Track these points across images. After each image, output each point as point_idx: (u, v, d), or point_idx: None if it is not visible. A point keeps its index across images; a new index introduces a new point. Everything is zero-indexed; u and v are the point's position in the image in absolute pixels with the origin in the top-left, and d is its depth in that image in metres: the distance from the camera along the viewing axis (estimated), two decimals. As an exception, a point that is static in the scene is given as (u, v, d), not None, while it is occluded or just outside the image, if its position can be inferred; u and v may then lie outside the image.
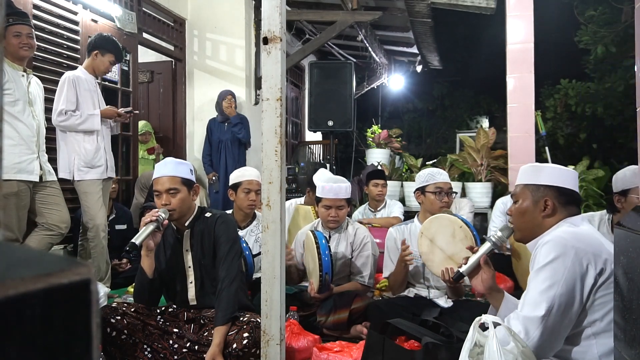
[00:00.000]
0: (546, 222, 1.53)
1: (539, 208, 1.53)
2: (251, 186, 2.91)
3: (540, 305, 1.36)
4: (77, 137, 3.16)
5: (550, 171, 1.56)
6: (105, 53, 3.25)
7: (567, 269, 1.36)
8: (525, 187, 1.58)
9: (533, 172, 1.58)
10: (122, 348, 1.90)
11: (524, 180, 1.59)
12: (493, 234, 1.67)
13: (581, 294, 1.36)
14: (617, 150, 7.28)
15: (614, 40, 6.23)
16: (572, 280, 1.35)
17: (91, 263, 3.06)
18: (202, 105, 5.47)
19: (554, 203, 1.52)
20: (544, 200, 1.52)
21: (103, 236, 3.20)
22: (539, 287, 1.38)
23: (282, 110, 1.58)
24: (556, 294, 1.35)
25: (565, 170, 1.57)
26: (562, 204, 1.52)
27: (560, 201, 1.52)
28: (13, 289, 0.26)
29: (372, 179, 4.23)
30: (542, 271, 1.39)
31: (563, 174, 1.55)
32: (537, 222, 1.54)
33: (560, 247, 1.38)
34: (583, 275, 1.36)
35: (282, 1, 1.58)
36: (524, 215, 1.57)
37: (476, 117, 12.49)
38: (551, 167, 1.58)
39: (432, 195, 2.61)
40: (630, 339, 1.02)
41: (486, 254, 1.65)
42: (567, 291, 1.35)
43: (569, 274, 1.35)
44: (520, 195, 1.59)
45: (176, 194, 2.03)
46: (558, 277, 1.36)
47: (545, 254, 1.40)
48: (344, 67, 5.21)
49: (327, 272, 2.41)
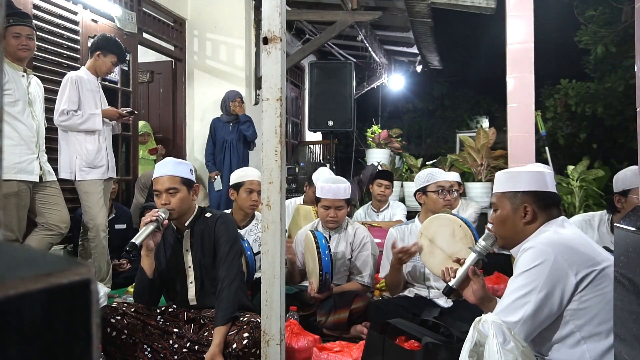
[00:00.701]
0: (527, 228, 1.52)
1: (519, 215, 1.52)
2: (253, 186, 2.91)
3: (517, 311, 1.36)
4: (78, 137, 3.16)
5: (526, 176, 1.54)
6: (108, 54, 3.25)
7: (546, 276, 1.36)
8: (503, 195, 1.57)
9: (509, 179, 1.57)
10: (122, 348, 1.90)
11: (501, 188, 1.58)
12: (477, 244, 1.67)
13: (560, 301, 1.36)
14: (617, 150, 7.28)
15: (614, 40, 6.23)
16: (551, 287, 1.35)
17: (91, 263, 3.07)
18: (202, 105, 5.47)
19: (533, 208, 1.51)
20: (523, 206, 1.52)
21: (103, 236, 3.20)
22: (516, 293, 1.39)
23: (282, 110, 1.58)
24: (532, 300, 1.35)
25: (540, 174, 1.55)
26: (541, 208, 1.52)
27: (539, 205, 1.52)
28: (13, 289, 0.26)
29: (377, 178, 4.22)
30: (521, 277, 1.39)
31: (539, 177, 1.54)
32: (519, 229, 1.53)
33: (541, 253, 1.38)
34: (563, 281, 1.36)
35: (282, 1, 1.58)
36: (504, 223, 1.56)
37: (476, 117, 12.49)
38: (526, 172, 1.56)
39: (434, 194, 2.61)
40: (631, 339, 1.02)
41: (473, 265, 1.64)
42: (544, 298, 1.35)
43: (547, 281, 1.35)
44: (499, 203, 1.58)
45: (176, 194, 2.03)
46: (536, 283, 1.36)
47: (526, 260, 1.40)
48: (344, 67, 5.21)
49: (327, 271, 2.41)
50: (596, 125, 7.24)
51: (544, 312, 1.36)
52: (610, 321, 1.34)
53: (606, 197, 4.77)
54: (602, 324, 1.35)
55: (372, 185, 4.24)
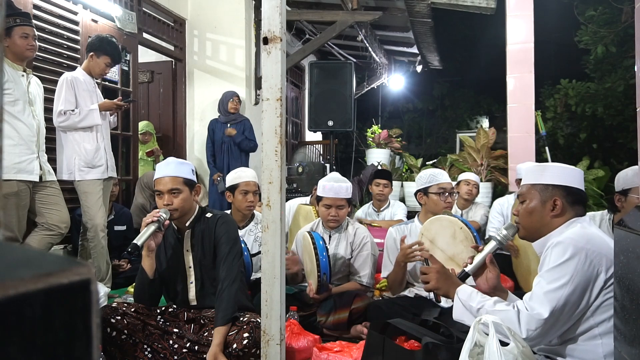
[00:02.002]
0: (554, 221, 1.52)
1: (547, 208, 1.52)
2: (248, 187, 2.91)
3: (546, 305, 1.36)
4: (76, 137, 3.16)
5: (558, 170, 1.55)
6: (101, 55, 3.23)
7: (577, 271, 1.36)
8: (532, 187, 1.56)
9: (540, 172, 1.57)
10: (122, 348, 1.90)
11: (531, 179, 1.58)
12: (498, 233, 1.66)
13: (589, 296, 1.37)
14: (617, 150, 7.28)
15: (614, 40, 6.23)
16: (581, 282, 1.36)
17: (91, 263, 3.06)
18: (202, 105, 5.47)
19: (563, 203, 1.51)
20: (553, 200, 1.51)
21: (102, 236, 3.20)
22: (547, 286, 1.38)
23: (282, 110, 1.58)
24: (563, 295, 1.35)
25: (572, 170, 1.56)
26: (570, 204, 1.52)
27: (568, 201, 1.52)
28: (13, 289, 0.26)
29: (376, 178, 4.24)
30: (552, 271, 1.39)
31: (571, 173, 1.54)
32: (545, 222, 1.53)
33: (572, 248, 1.38)
34: (593, 277, 1.36)
35: (282, 1, 1.58)
36: (531, 214, 1.55)
37: (476, 117, 12.50)
38: (558, 167, 1.57)
39: (435, 196, 2.61)
40: (630, 338, 1.02)
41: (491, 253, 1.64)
42: (575, 293, 1.36)
43: (579, 276, 1.36)
44: (527, 195, 1.57)
45: (178, 194, 2.03)
46: (567, 278, 1.36)
47: (557, 254, 1.40)
48: (344, 67, 5.21)
49: (325, 272, 2.40)
50: (596, 125, 7.24)
51: (574, 307, 1.37)
52: None
53: (606, 197, 4.77)
54: None
55: (371, 185, 4.25)
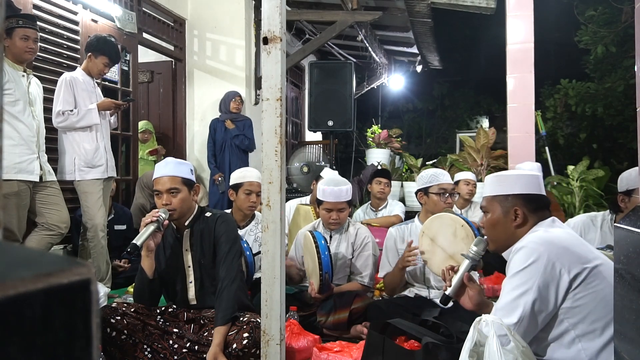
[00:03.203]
0: (518, 231, 1.53)
1: (509, 218, 1.53)
2: (252, 187, 2.90)
3: (513, 312, 1.37)
4: (76, 137, 3.16)
5: (515, 179, 1.55)
6: (99, 55, 3.22)
7: (539, 275, 1.36)
8: (493, 199, 1.57)
9: (499, 182, 1.57)
10: (122, 348, 1.90)
11: (491, 191, 1.58)
12: (469, 250, 1.66)
13: (555, 299, 1.37)
14: (617, 150, 7.28)
15: (614, 40, 6.23)
16: (544, 286, 1.36)
17: (91, 263, 3.06)
18: (202, 105, 5.47)
19: (524, 211, 1.51)
20: (514, 209, 1.52)
21: (102, 236, 3.20)
22: (512, 293, 1.39)
23: (282, 110, 1.58)
24: (529, 300, 1.36)
25: (528, 177, 1.56)
26: (531, 211, 1.52)
27: (529, 208, 1.52)
28: (13, 289, 0.26)
29: (376, 176, 4.24)
30: (515, 277, 1.39)
31: (528, 180, 1.55)
32: (510, 232, 1.54)
33: (532, 252, 1.38)
34: (557, 280, 1.36)
35: (282, 1, 1.58)
36: (495, 226, 1.56)
37: (476, 117, 12.50)
38: (515, 175, 1.57)
39: (435, 196, 2.61)
40: (632, 338, 1.02)
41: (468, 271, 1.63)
42: (540, 297, 1.36)
43: (541, 280, 1.36)
44: (489, 207, 1.58)
45: (177, 194, 2.03)
46: (531, 283, 1.36)
47: (519, 260, 1.40)
48: (344, 67, 5.21)
49: (327, 271, 2.40)
50: (596, 125, 7.24)
51: (541, 311, 1.37)
52: (604, 319, 1.35)
53: (606, 197, 4.77)
54: (596, 321, 1.36)
55: (371, 184, 4.26)
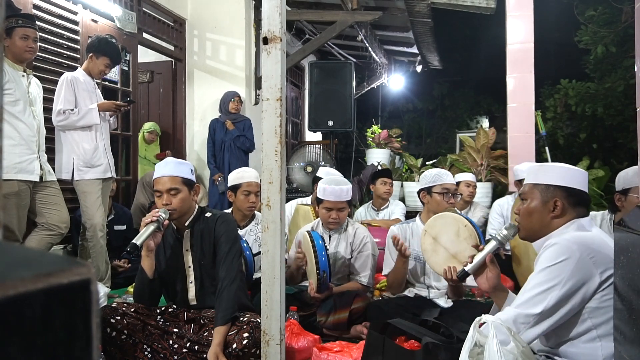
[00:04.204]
0: (554, 222, 1.51)
1: (547, 208, 1.51)
2: (250, 188, 2.90)
3: (538, 304, 1.36)
4: (75, 137, 3.16)
5: (560, 171, 1.53)
6: (100, 56, 3.23)
7: (570, 273, 1.35)
8: (534, 187, 1.55)
9: (542, 172, 1.55)
10: (122, 348, 1.90)
11: (533, 179, 1.57)
12: (498, 232, 1.66)
13: (582, 298, 1.36)
14: (617, 150, 7.28)
15: (614, 40, 6.23)
16: (573, 284, 1.35)
17: (91, 263, 3.06)
18: (202, 105, 5.47)
19: (563, 204, 1.50)
20: (554, 200, 1.50)
21: (101, 236, 3.20)
22: (539, 287, 1.38)
23: (282, 110, 1.58)
24: (554, 295, 1.35)
25: (575, 170, 1.54)
26: (571, 205, 1.50)
27: (569, 202, 1.50)
28: (13, 289, 0.26)
29: (381, 177, 4.24)
30: (545, 271, 1.39)
31: (573, 174, 1.53)
32: (545, 223, 1.52)
33: (566, 250, 1.37)
34: (586, 280, 1.36)
35: (282, 1, 1.58)
36: (532, 215, 1.54)
37: (476, 117, 12.50)
38: (561, 167, 1.55)
39: (438, 196, 2.60)
40: (631, 339, 1.02)
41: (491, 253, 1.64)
42: (566, 294, 1.35)
43: (571, 278, 1.35)
44: (529, 194, 1.56)
45: (177, 194, 2.03)
46: (560, 279, 1.36)
47: (551, 255, 1.39)
48: (344, 67, 5.21)
49: (324, 270, 2.40)
50: (596, 125, 7.24)
51: (565, 308, 1.36)
52: None
53: (606, 197, 4.77)
54: None
55: (375, 184, 4.25)
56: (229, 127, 4.79)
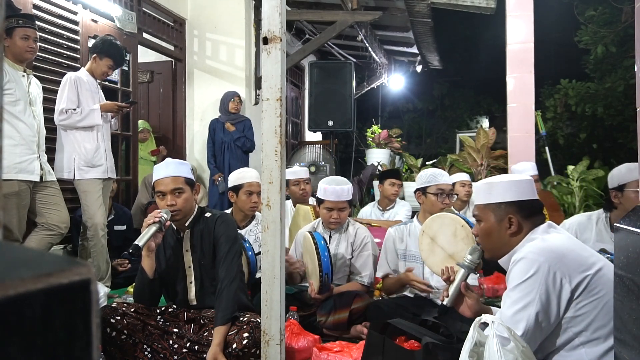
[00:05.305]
0: (514, 239, 1.50)
1: (504, 226, 1.49)
2: (252, 188, 2.90)
3: (517, 325, 1.35)
4: (77, 136, 3.17)
5: (507, 186, 1.51)
6: (104, 57, 3.24)
7: (540, 286, 1.34)
8: (486, 207, 1.53)
9: (490, 190, 1.53)
10: (122, 348, 1.90)
11: (483, 199, 1.55)
12: (464, 259, 1.64)
13: (558, 309, 1.36)
14: (617, 150, 7.28)
15: (614, 40, 6.23)
16: (546, 298, 1.34)
17: (91, 263, 3.07)
18: (202, 105, 5.46)
19: (518, 219, 1.48)
20: (508, 218, 1.49)
21: (102, 235, 3.21)
22: (514, 306, 1.37)
23: (282, 110, 1.58)
24: (532, 312, 1.34)
25: (519, 182, 1.52)
26: (526, 217, 1.49)
27: (523, 215, 1.49)
28: (13, 289, 0.26)
29: (390, 177, 4.24)
30: (516, 290, 1.38)
31: (520, 186, 1.51)
32: (505, 240, 1.51)
33: (532, 264, 1.36)
34: (558, 290, 1.35)
35: (282, 1, 1.58)
36: (490, 235, 1.53)
37: (476, 117, 12.50)
38: (506, 182, 1.53)
39: (433, 196, 2.60)
40: (632, 339, 1.02)
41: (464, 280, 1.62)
42: (542, 309, 1.34)
43: (543, 292, 1.34)
44: (482, 215, 1.54)
45: (181, 194, 2.03)
46: (532, 295, 1.35)
47: (519, 272, 1.38)
48: (344, 67, 5.22)
49: (327, 272, 2.40)
50: (596, 125, 7.25)
51: (544, 323, 1.36)
52: (608, 325, 1.34)
53: (606, 197, 4.76)
54: (600, 329, 1.35)
55: (383, 185, 4.24)
56: (229, 128, 4.79)
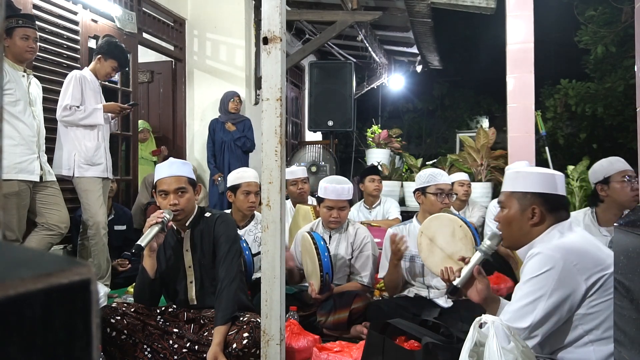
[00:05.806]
0: (534, 230, 1.50)
1: (526, 216, 1.50)
2: (250, 188, 2.91)
3: (525, 317, 1.35)
4: (78, 134, 3.18)
5: (536, 177, 1.51)
6: (108, 58, 3.27)
7: (554, 283, 1.34)
8: (512, 195, 1.54)
9: (518, 179, 1.54)
10: (122, 348, 1.90)
11: (510, 187, 1.55)
12: (483, 244, 1.64)
13: (570, 307, 1.36)
14: (617, 150, 7.27)
15: (614, 40, 6.23)
16: (560, 294, 1.35)
17: (91, 263, 3.07)
18: (202, 105, 5.46)
19: (542, 211, 1.48)
20: (532, 208, 1.49)
21: (104, 233, 3.21)
22: (525, 299, 1.38)
23: (282, 110, 1.58)
24: (541, 307, 1.34)
25: (550, 175, 1.52)
26: (549, 211, 1.49)
27: (547, 208, 1.49)
28: (13, 289, 0.26)
29: (369, 174, 4.25)
30: (530, 283, 1.38)
31: (549, 180, 1.51)
32: (525, 231, 1.51)
33: (549, 259, 1.36)
34: (572, 289, 1.35)
35: (282, 1, 1.58)
36: (511, 224, 1.53)
37: (476, 117, 12.49)
38: (537, 173, 1.53)
39: (432, 196, 2.61)
40: (631, 339, 1.02)
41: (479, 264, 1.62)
42: (553, 305, 1.35)
43: (556, 288, 1.34)
44: (507, 203, 1.55)
45: (184, 194, 2.03)
46: (545, 290, 1.35)
47: (534, 266, 1.38)
48: (344, 67, 5.22)
49: (327, 272, 2.41)
50: (596, 125, 7.25)
51: (553, 318, 1.36)
52: None
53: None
54: (610, 329, 1.34)
55: (364, 183, 4.26)
56: (229, 128, 4.79)
